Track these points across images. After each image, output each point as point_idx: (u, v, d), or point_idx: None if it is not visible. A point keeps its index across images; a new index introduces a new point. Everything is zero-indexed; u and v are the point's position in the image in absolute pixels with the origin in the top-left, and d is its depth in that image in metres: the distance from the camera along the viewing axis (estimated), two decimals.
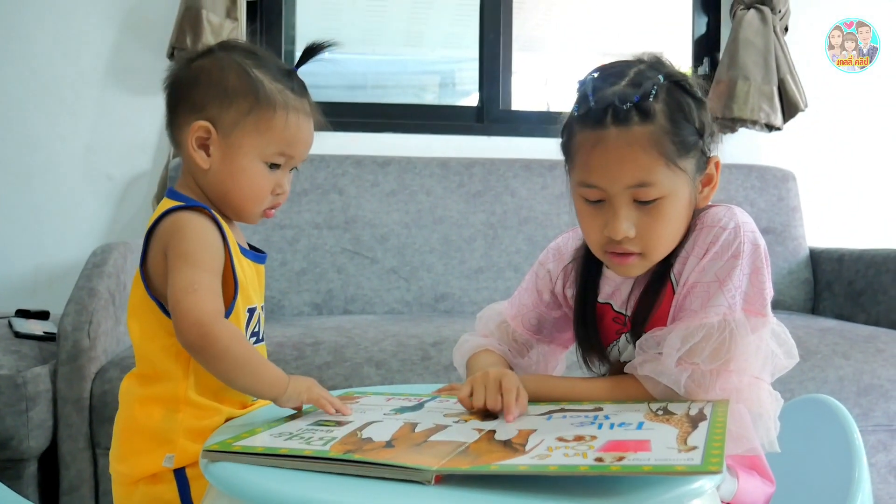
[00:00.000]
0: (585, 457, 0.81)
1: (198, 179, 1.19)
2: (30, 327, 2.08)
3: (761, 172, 2.87)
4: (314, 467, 0.85)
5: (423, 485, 0.79)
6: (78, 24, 2.72)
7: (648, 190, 1.07)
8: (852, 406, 1.95)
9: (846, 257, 2.68)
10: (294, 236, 2.57)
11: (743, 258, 1.09)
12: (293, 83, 1.20)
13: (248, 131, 1.16)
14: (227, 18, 2.63)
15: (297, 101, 1.20)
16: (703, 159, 1.12)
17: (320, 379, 1.81)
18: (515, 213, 2.70)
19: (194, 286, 1.06)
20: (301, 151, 1.22)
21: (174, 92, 1.22)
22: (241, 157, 1.17)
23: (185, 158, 1.20)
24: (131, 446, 1.16)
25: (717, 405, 1.01)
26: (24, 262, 2.70)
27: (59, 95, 2.71)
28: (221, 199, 1.19)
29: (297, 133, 1.20)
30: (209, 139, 1.16)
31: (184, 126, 1.18)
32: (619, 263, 1.13)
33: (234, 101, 1.16)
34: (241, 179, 1.17)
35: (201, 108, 1.17)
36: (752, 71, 2.87)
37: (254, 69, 1.18)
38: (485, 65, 3.02)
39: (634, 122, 1.05)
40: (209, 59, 1.20)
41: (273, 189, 1.20)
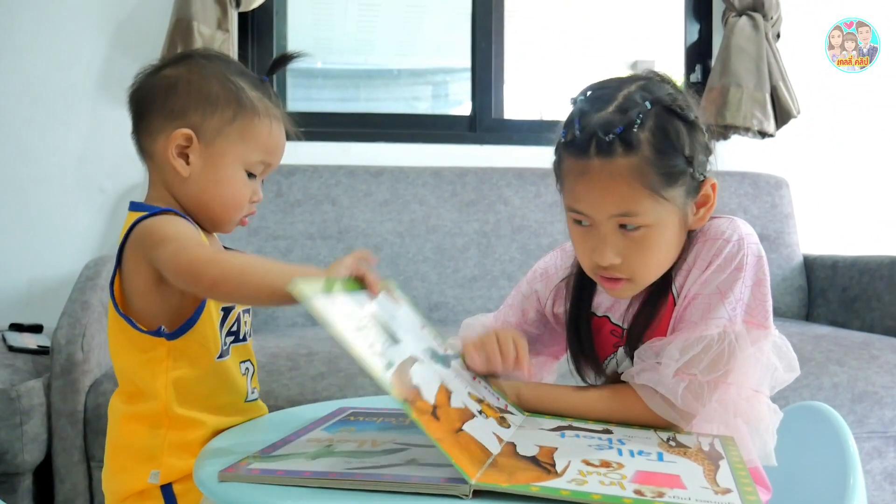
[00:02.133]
0: (623, 488, 0.81)
1: (173, 188, 1.16)
2: (23, 341, 2.07)
3: (754, 179, 2.87)
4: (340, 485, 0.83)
5: (461, 498, 0.79)
6: (70, 36, 2.72)
7: (633, 219, 1.06)
8: (847, 413, 1.95)
9: (840, 264, 2.68)
10: (287, 247, 2.56)
11: (746, 270, 1.09)
12: (269, 91, 1.20)
13: (233, 139, 1.15)
14: (218, 30, 2.63)
15: (275, 110, 1.19)
16: (695, 184, 1.09)
17: (314, 390, 1.82)
18: (508, 221, 2.70)
19: (177, 250, 1.03)
20: (278, 159, 1.22)
21: (145, 100, 1.18)
22: (225, 165, 1.15)
23: (157, 167, 1.17)
24: (118, 464, 1.15)
25: (725, 441, 1.03)
26: (18, 275, 2.69)
27: (51, 108, 2.71)
28: (199, 208, 1.17)
29: (278, 141, 1.20)
30: (189, 147, 1.14)
31: (158, 134, 1.15)
32: (610, 288, 1.13)
33: (218, 108, 1.14)
34: (224, 188, 1.16)
35: (181, 115, 1.14)
36: (745, 78, 2.88)
37: (234, 76, 1.17)
38: (477, 74, 3.03)
39: (618, 153, 1.03)
40: (185, 67, 1.17)
41: (251, 197, 1.20)
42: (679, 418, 1.09)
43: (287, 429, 1.06)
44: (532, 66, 3.43)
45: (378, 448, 0.95)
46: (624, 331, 1.20)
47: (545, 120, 3.17)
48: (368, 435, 1.02)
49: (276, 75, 2.90)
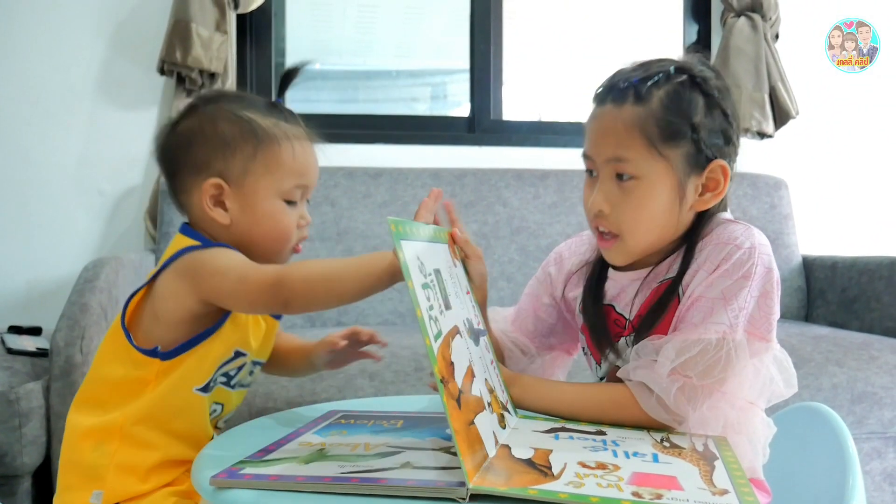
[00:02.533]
0: (621, 490, 0.81)
1: (220, 237, 1.15)
2: (22, 343, 2.07)
3: (753, 180, 2.87)
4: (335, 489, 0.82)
5: (457, 502, 0.79)
6: (68, 39, 2.72)
7: (624, 165, 1.11)
8: (846, 414, 1.95)
9: (839, 265, 2.68)
10: None
11: (753, 280, 1.09)
12: (282, 113, 1.18)
13: (259, 174, 1.13)
14: (216, 32, 2.63)
15: (293, 129, 1.17)
16: (699, 157, 1.12)
17: (313, 391, 1.81)
18: (507, 222, 2.70)
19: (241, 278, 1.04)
20: (313, 178, 1.20)
21: (169, 160, 1.18)
22: (261, 201, 1.13)
23: (200, 220, 1.16)
24: (65, 481, 1.13)
25: (718, 441, 1.02)
26: (16, 277, 2.69)
27: (49, 110, 2.71)
28: (250, 248, 1.15)
29: (306, 159, 1.18)
30: (223, 194, 1.13)
31: (191, 190, 1.14)
32: (602, 245, 1.18)
33: (237, 148, 1.13)
34: (267, 223, 1.14)
35: (205, 166, 1.13)
36: (743, 78, 2.88)
37: (242, 111, 1.15)
38: (476, 75, 3.03)
39: (628, 101, 1.11)
40: (194, 118, 1.16)
41: (298, 223, 1.18)
42: (671, 420, 1.08)
43: (280, 432, 1.06)
44: (530, 68, 3.43)
45: (371, 451, 0.94)
46: (627, 321, 1.20)
47: (544, 121, 3.17)
48: (361, 438, 1.02)
49: (275, 78, 2.91)
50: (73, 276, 2.03)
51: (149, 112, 2.76)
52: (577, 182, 2.73)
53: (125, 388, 1.12)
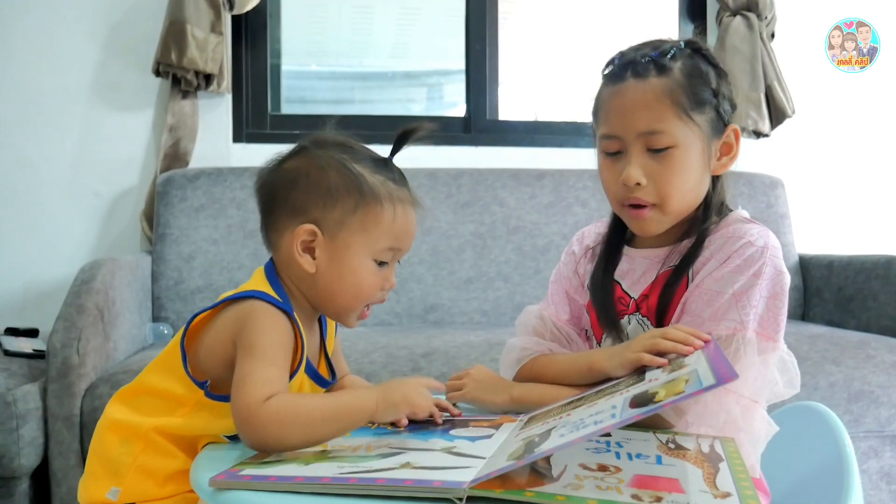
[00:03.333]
0: (620, 492, 0.80)
1: (300, 283, 1.14)
2: (19, 345, 2.07)
3: (749, 179, 2.87)
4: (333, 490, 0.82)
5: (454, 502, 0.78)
6: (63, 41, 2.71)
7: (660, 137, 1.13)
8: (843, 412, 1.95)
9: (836, 263, 2.69)
10: None
11: (763, 280, 1.10)
12: (393, 173, 1.15)
13: (355, 230, 1.11)
14: (211, 33, 2.62)
15: (400, 191, 1.14)
16: (720, 123, 1.18)
17: None
18: (504, 222, 2.70)
19: (245, 378, 1.00)
20: (408, 243, 1.17)
21: (269, 196, 1.15)
22: (351, 257, 1.11)
23: (286, 262, 1.14)
24: (90, 468, 1.13)
25: (725, 442, 1.01)
26: (13, 279, 2.68)
27: (45, 112, 2.70)
28: (327, 301, 1.14)
29: (406, 225, 1.14)
30: (314, 241, 1.11)
31: (284, 231, 1.13)
32: (636, 217, 1.18)
33: (338, 199, 1.10)
34: (351, 279, 1.12)
35: (303, 210, 1.11)
36: (739, 78, 2.88)
37: (353, 164, 1.12)
38: (472, 75, 3.03)
39: (651, 74, 1.14)
40: (304, 159, 1.14)
41: (382, 284, 1.15)
42: (673, 414, 1.08)
43: None
44: (526, 68, 3.43)
45: (373, 453, 0.94)
46: (631, 300, 1.22)
47: (540, 121, 3.17)
48: (363, 440, 1.01)
49: (271, 78, 2.92)
50: (70, 277, 2.03)
51: (144, 113, 2.75)
52: (574, 182, 2.73)
53: (162, 401, 1.11)
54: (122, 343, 2.09)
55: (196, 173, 2.62)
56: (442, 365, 1.93)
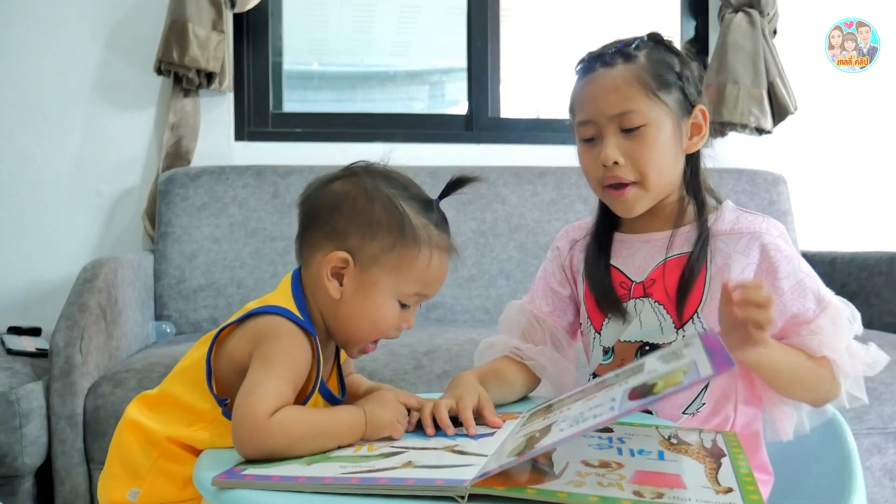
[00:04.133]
0: (622, 489, 0.80)
1: (322, 305, 1.13)
2: (22, 344, 2.07)
3: (752, 176, 2.87)
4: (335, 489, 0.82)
5: (456, 501, 0.78)
6: (64, 40, 2.71)
7: (631, 116, 1.21)
8: (846, 410, 1.94)
9: (838, 260, 2.68)
10: (285, 248, 2.56)
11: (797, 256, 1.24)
12: (437, 217, 1.14)
13: (388, 268, 1.10)
14: (213, 31, 2.62)
15: (440, 238, 1.13)
16: (687, 104, 1.25)
17: None
18: (506, 220, 2.70)
19: (254, 387, 0.99)
20: (435, 291, 1.16)
21: (311, 212, 1.15)
22: (377, 293, 1.10)
23: (312, 280, 1.13)
24: (110, 468, 1.13)
25: (727, 436, 1.02)
26: (15, 278, 2.69)
27: (46, 112, 2.70)
28: (341, 329, 1.13)
29: (438, 273, 1.14)
30: (345, 269, 1.10)
31: (318, 250, 1.12)
32: (618, 196, 1.25)
33: (378, 234, 1.09)
34: (371, 315, 1.11)
35: (341, 236, 1.10)
36: (742, 74, 2.88)
37: (400, 201, 1.11)
38: (473, 73, 3.02)
39: (618, 63, 1.23)
40: (353, 184, 1.13)
41: (399, 325, 1.15)
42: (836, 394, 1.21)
43: None
44: (528, 65, 3.43)
45: (375, 452, 0.94)
46: (633, 283, 1.28)
47: (541, 118, 3.16)
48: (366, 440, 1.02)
49: (272, 77, 2.91)
50: (72, 276, 2.03)
51: (146, 112, 2.76)
52: (576, 179, 2.73)
53: (184, 412, 1.10)
54: (124, 341, 2.10)
55: (198, 172, 2.62)
56: (444, 363, 1.93)
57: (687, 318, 1.23)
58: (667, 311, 1.24)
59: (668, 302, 1.24)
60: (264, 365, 1.02)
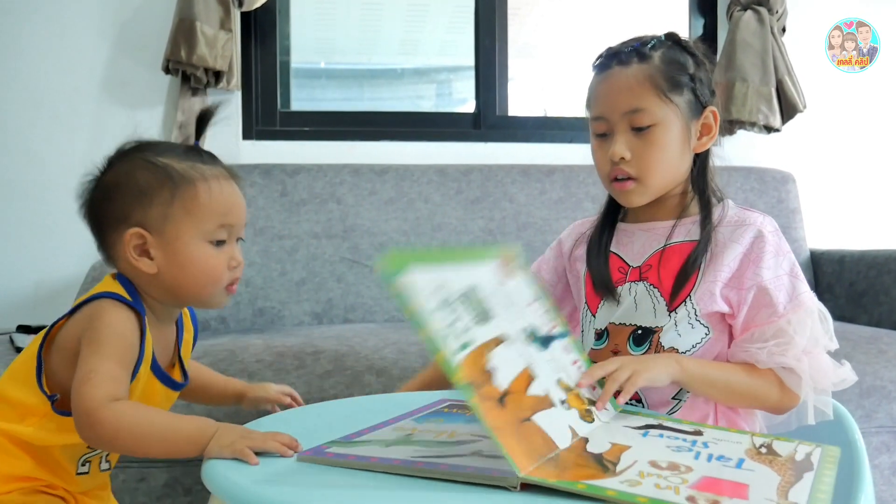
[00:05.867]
0: (678, 492, 0.78)
1: (147, 288, 1.15)
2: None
3: (760, 174, 2.86)
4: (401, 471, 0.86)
5: (509, 490, 0.80)
6: (73, 39, 2.72)
7: (642, 116, 1.27)
8: (855, 408, 1.94)
9: (847, 259, 2.67)
10: (293, 246, 2.56)
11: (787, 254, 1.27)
12: (200, 155, 1.17)
13: (179, 219, 1.12)
14: (220, 30, 2.63)
15: (212, 169, 1.15)
16: (698, 105, 1.31)
17: (321, 388, 1.81)
18: (514, 219, 2.70)
19: (89, 375, 1.01)
20: (238, 216, 1.18)
21: (92, 214, 1.18)
22: (185, 245, 1.12)
23: (131, 274, 1.15)
24: None
25: (827, 451, 0.98)
26: (24, 277, 2.69)
27: (54, 111, 2.71)
28: (179, 296, 1.15)
29: (227, 198, 1.16)
30: (146, 243, 1.12)
31: (115, 242, 1.14)
32: (620, 189, 1.31)
33: (153, 195, 1.12)
34: (193, 267, 1.13)
35: (124, 218, 1.13)
36: (750, 72, 2.87)
37: (156, 157, 1.14)
38: (481, 71, 3.02)
39: (633, 62, 1.28)
40: (112, 171, 1.17)
41: (228, 264, 1.16)
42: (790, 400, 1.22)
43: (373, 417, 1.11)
44: (536, 63, 3.43)
45: (454, 439, 0.98)
46: (630, 268, 1.34)
47: (550, 117, 3.16)
48: (451, 426, 1.04)
49: (280, 76, 2.91)
50: (80, 275, 2.04)
51: (154, 111, 2.76)
52: (584, 177, 2.72)
53: (13, 409, 1.12)
54: None
55: None
56: None
57: (679, 302, 1.27)
58: (661, 293, 1.30)
59: (661, 286, 1.30)
60: (93, 348, 1.04)
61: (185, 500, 1.79)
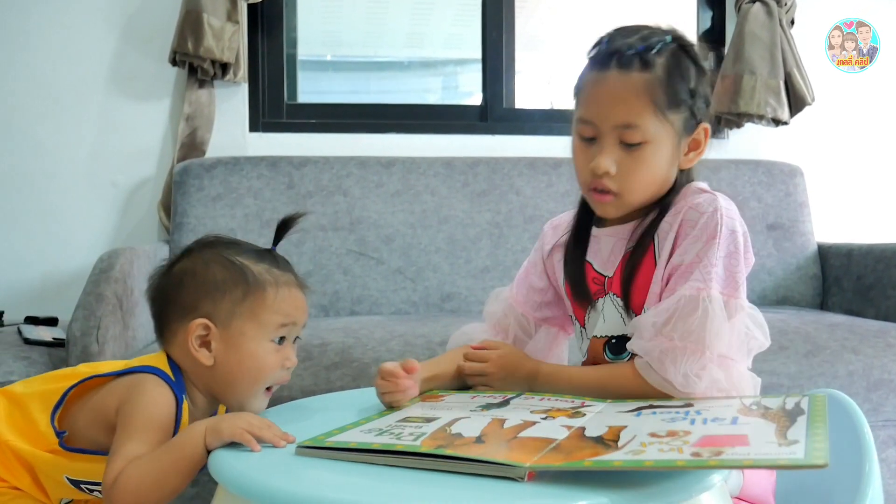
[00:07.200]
0: (681, 451, 0.80)
1: (201, 379, 1.18)
2: (39, 334, 2.08)
3: (768, 167, 2.86)
4: (406, 463, 0.86)
5: (516, 481, 0.79)
6: (80, 31, 2.72)
7: (634, 133, 1.16)
8: (862, 401, 1.94)
9: (855, 252, 2.67)
10: (300, 239, 2.57)
11: (719, 239, 1.14)
12: (276, 260, 1.22)
13: (246, 317, 1.15)
14: (227, 22, 2.62)
15: (283, 276, 1.20)
16: (692, 122, 1.21)
17: (328, 380, 1.82)
18: (521, 211, 2.70)
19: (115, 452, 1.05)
20: (300, 318, 1.21)
21: (160, 300, 1.20)
22: (247, 342, 1.15)
23: (184, 361, 1.18)
24: None
25: (815, 398, 1.00)
26: (32, 269, 2.70)
27: (62, 103, 2.71)
28: (228, 390, 1.18)
29: (292, 301, 1.20)
30: (209, 335, 1.15)
31: (178, 331, 1.17)
32: (598, 201, 1.23)
33: (226, 291, 1.15)
34: (250, 362, 1.16)
35: (193, 308, 1.15)
36: (759, 65, 2.86)
37: (236, 257, 1.18)
38: (488, 64, 3.02)
39: (635, 68, 1.16)
40: (189, 260, 1.19)
41: (283, 363, 1.19)
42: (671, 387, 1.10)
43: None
44: (543, 56, 3.42)
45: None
46: (605, 278, 1.26)
47: (556, 109, 3.15)
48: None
49: (286, 68, 2.91)
50: (88, 267, 2.04)
51: (161, 103, 2.76)
52: None
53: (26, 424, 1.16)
54: (140, 331, 2.10)
55: (213, 163, 2.62)
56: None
57: (639, 310, 1.22)
58: (623, 303, 1.24)
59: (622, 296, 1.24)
60: (124, 427, 1.07)
61: (193, 491, 1.80)
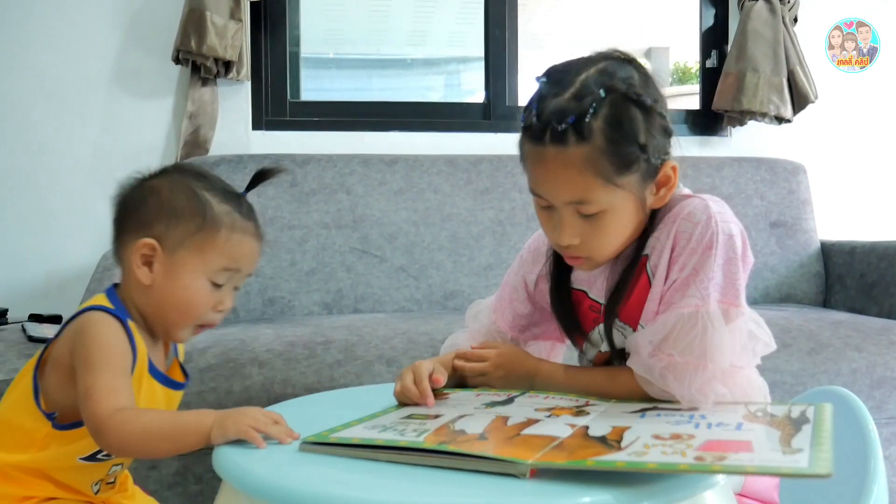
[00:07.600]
0: (684, 455, 0.80)
1: (136, 296, 1.19)
2: (43, 331, 2.08)
3: (771, 165, 2.85)
4: (409, 459, 0.86)
5: (518, 478, 0.80)
6: (84, 29, 2.72)
7: (587, 206, 1.09)
8: (866, 399, 1.93)
9: (858, 250, 2.67)
10: (303, 236, 2.57)
11: (716, 249, 1.10)
12: (241, 205, 1.21)
13: (193, 250, 1.16)
14: (230, 20, 2.63)
15: (243, 223, 1.20)
16: (651, 169, 1.11)
17: (331, 377, 1.82)
18: (523, 209, 2.70)
19: (88, 392, 1.06)
20: (246, 266, 1.21)
21: (122, 209, 1.21)
22: (185, 274, 1.16)
23: (126, 274, 1.19)
24: None
25: (820, 407, 0.99)
26: (36, 267, 2.70)
27: (65, 101, 2.72)
28: (157, 315, 1.19)
29: (242, 248, 1.20)
30: (153, 256, 1.16)
31: (129, 243, 1.18)
32: (572, 263, 1.20)
33: (182, 220, 1.16)
34: (182, 295, 1.16)
35: (147, 226, 1.16)
36: (762, 62, 2.86)
37: (204, 191, 1.18)
38: (491, 61, 3.02)
39: (571, 142, 1.05)
40: (159, 180, 1.20)
41: (215, 305, 1.19)
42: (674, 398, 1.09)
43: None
44: (546, 53, 3.42)
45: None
46: (602, 306, 1.22)
47: None
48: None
49: (289, 66, 2.91)
50: (92, 265, 2.05)
51: (165, 101, 2.76)
52: None
53: (14, 436, 1.16)
54: None
55: (216, 160, 2.62)
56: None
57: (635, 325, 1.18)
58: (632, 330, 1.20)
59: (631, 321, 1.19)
60: (86, 366, 1.08)
61: (197, 489, 1.80)
